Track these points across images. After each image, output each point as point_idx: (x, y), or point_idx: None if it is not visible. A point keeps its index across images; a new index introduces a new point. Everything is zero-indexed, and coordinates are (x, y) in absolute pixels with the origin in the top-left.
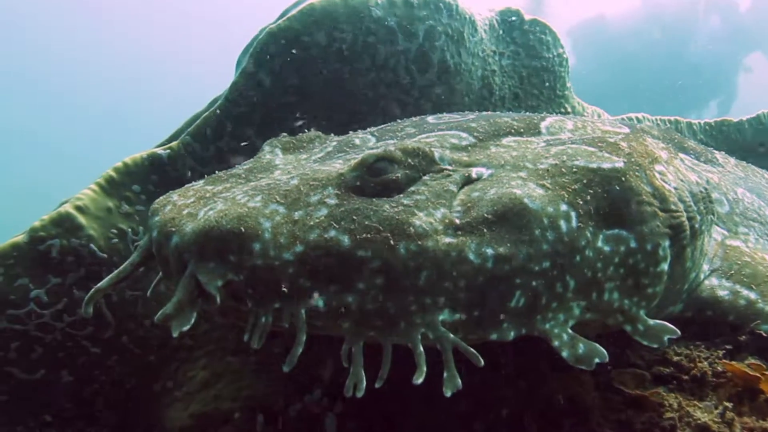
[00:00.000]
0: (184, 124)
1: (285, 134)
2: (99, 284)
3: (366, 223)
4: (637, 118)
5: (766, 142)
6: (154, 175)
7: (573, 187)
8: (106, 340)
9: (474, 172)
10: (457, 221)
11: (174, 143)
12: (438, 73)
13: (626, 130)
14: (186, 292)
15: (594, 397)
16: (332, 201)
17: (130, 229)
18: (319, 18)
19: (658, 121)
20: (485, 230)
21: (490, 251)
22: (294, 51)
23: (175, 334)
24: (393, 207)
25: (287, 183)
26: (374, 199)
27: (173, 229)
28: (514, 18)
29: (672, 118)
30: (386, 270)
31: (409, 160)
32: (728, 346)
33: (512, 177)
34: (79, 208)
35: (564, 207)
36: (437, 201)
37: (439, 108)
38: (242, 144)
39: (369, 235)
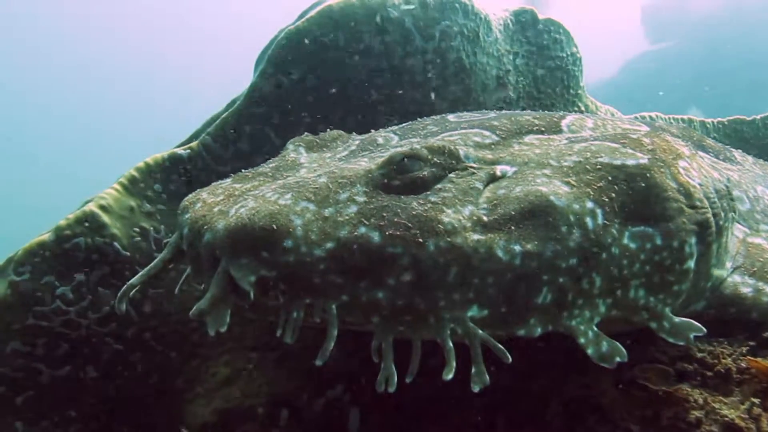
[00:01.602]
0: (203, 124)
1: (308, 133)
2: (131, 280)
3: (395, 219)
4: (651, 117)
5: None
6: (175, 175)
7: (598, 184)
8: (130, 336)
9: (498, 169)
10: (485, 218)
11: (194, 143)
12: (454, 72)
13: (645, 128)
14: (220, 287)
15: (617, 392)
16: (361, 198)
17: (151, 228)
18: (337, 19)
19: (672, 120)
20: (513, 227)
21: (518, 248)
22: (312, 52)
23: (211, 332)
24: (421, 204)
25: (315, 181)
26: (402, 197)
27: (205, 226)
28: (527, 17)
29: (686, 117)
30: (415, 266)
31: (435, 158)
32: (751, 343)
33: (537, 174)
34: (102, 207)
35: (590, 204)
36: (464, 198)
37: (455, 107)
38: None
39: (398, 232)
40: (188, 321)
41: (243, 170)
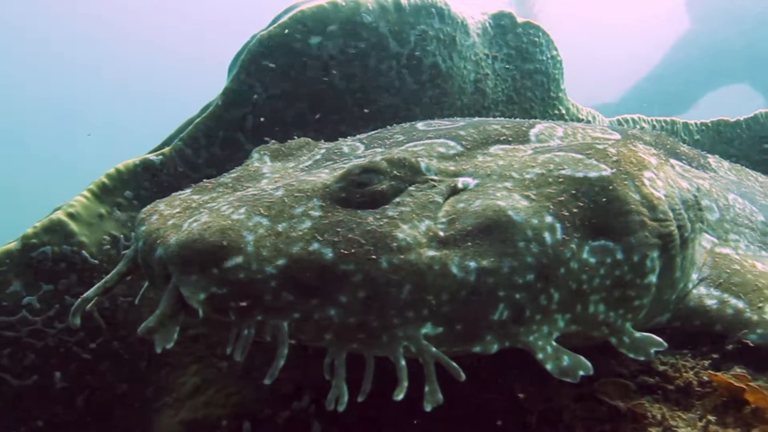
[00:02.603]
0: (176, 130)
1: (274, 141)
2: (86, 293)
3: (349, 236)
4: (633, 120)
5: (764, 144)
6: (147, 181)
7: (559, 198)
8: (98, 346)
9: (460, 182)
10: (441, 234)
11: (166, 149)
12: (430, 77)
13: (617, 136)
14: (168, 305)
15: (577, 407)
16: (316, 213)
17: (122, 236)
18: (309, 24)
19: (654, 122)
20: (469, 243)
21: (473, 264)
22: (285, 57)
23: (158, 350)
24: (377, 219)
25: (272, 194)
26: (359, 211)
27: (158, 240)
28: (506, 21)
29: (668, 119)
30: (368, 284)
31: (395, 171)
32: (714, 356)
33: (498, 188)
34: (71, 215)
35: (549, 219)
36: (422, 213)
37: (430, 112)
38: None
39: (352, 249)
40: None
41: (205, 180)
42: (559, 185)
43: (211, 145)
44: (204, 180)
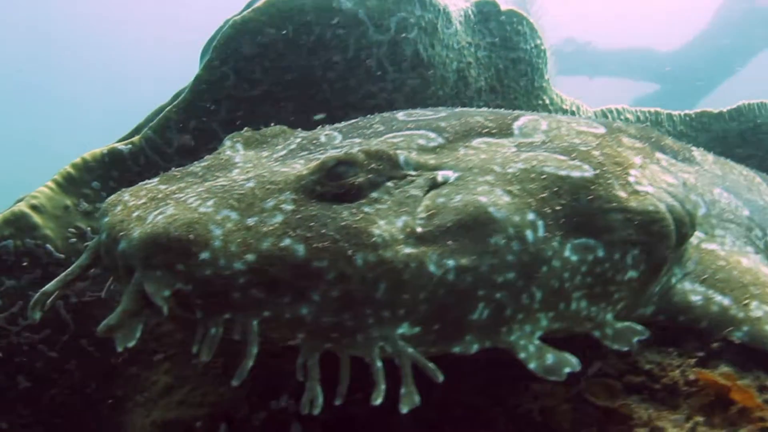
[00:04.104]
0: (145, 118)
1: (248, 128)
2: (46, 287)
3: (323, 231)
4: (617, 110)
5: (747, 136)
6: (115, 171)
7: (541, 194)
8: (64, 343)
9: (440, 175)
10: (419, 230)
11: (136, 138)
12: (411, 66)
13: (602, 130)
14: (131, 301)
15: (565, 408)
16: (288, 207)
17: (89, 228)
18: (285, 9)
19: (638, 113)
20: (448, 240)
21: (451, 262)
22: (259, 44)
23: (119, 349)
24: (352, 214)
25: (242, 186)
26: (333, 205)
27: (121, 233)
28: (490, 8)
29: (652, 110)
30: (342, 281)
31: (372, 164)
32: (700, 354)
33: (479, 182)
34: (34, 207)
35: (531, 216)
36: (399, 208)
37: (412, 101)
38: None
39: (325, 245)
40: None
41: (174, 168)
42: (542, 182)
43: (183, 134)
44: (173, 169)
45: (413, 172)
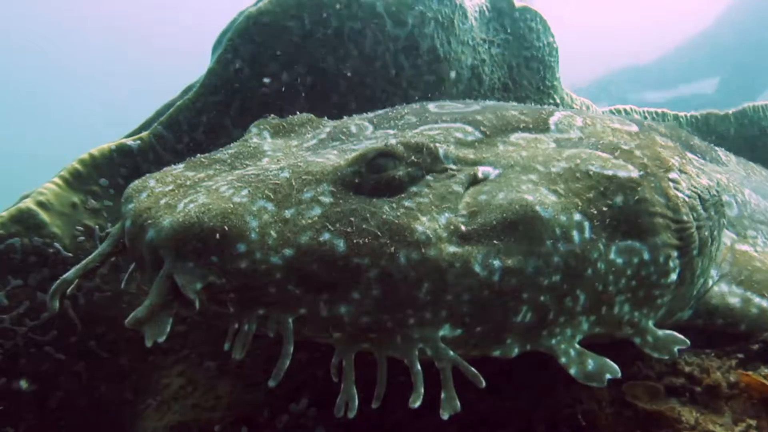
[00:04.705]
0: (155, 113)
1: (274, 116)
2: (65, 275)
3: (364, 226)
4: (625, 110)
5: (752, 137)
6: (124, 168)
7: (587, 194)
8: (72, 344)
9: (480, 171)
10: (463, 228)
11: (145, 134)
12: (427, 62)
13: (635, 128)
14: (161, 294)
15: (604, 411)
16: (327, 199)
17: (97, 227)
18: (302, 1)
19: (646, 114)
20: (493, 239)
21: (497, 263)
22: (275, 36)
23: (148, 344)
24: (393, 209)
25: (277, 175)
26: (373, 199)
27: (149, 221)
28: (504, 5)
29: (659, 111)
30: (384, 280)
31: (413, 157)
32: (740, 355)
33: (522, 180)
34: (41, 204)
35: (578, 216)
36: (441, 204)
37: (427, 98)
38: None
39: (367, 241)
40: None
41: (199, 155)
42: (588, 181)
43: (194, 130)
44: (198, 155)
45: (453, 166)
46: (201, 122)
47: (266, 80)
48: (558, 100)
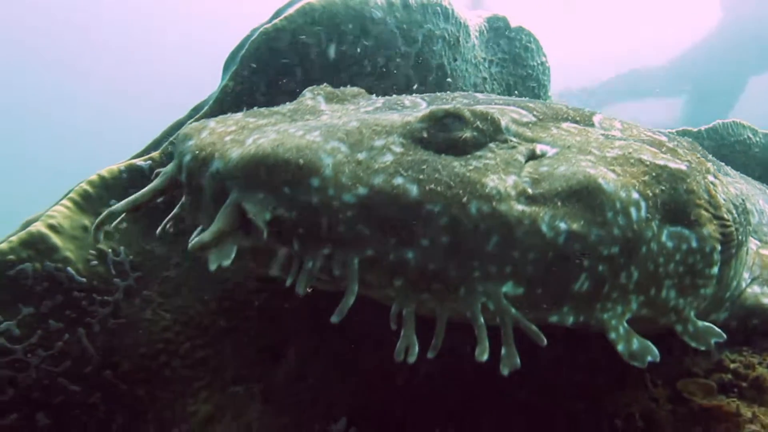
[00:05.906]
0: (162, 133)
1: (327, 84)
2: (114, 207)
3: (436, 176)
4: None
5: (723, 153)
6: (133, 189)
7: (642, 178)
8: (87, 375)
9: (539, 148)
10: (530, 190)
11: (155, 153)
12: (436, 79)
13: (665, 138)
14: (228, 221)
15: (659, 409)
16: (398, 149)
17: (110, 250)
18: (318, 18)
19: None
20: (559, 203)
21: (563, 226)
22: (291, 53)
23: (212, 267)
24: (462, 165)
25: (346, 124)
26: (442, 155)
27: (215, 154)
28: (501, 24)
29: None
30: (454, 229)
31: (478, 123)
32: None
33: (580, 159)
34: (52, 227)
35: (635, 195)
36: (507, 168)
37: None
38: None
39: (439, 189)
40: (157, 353)
41: (257, 107)
42: (642, 166)
43: None
44: (255, 107)
45: (514, 139)
46: None
47: (282, 96)
48: None
